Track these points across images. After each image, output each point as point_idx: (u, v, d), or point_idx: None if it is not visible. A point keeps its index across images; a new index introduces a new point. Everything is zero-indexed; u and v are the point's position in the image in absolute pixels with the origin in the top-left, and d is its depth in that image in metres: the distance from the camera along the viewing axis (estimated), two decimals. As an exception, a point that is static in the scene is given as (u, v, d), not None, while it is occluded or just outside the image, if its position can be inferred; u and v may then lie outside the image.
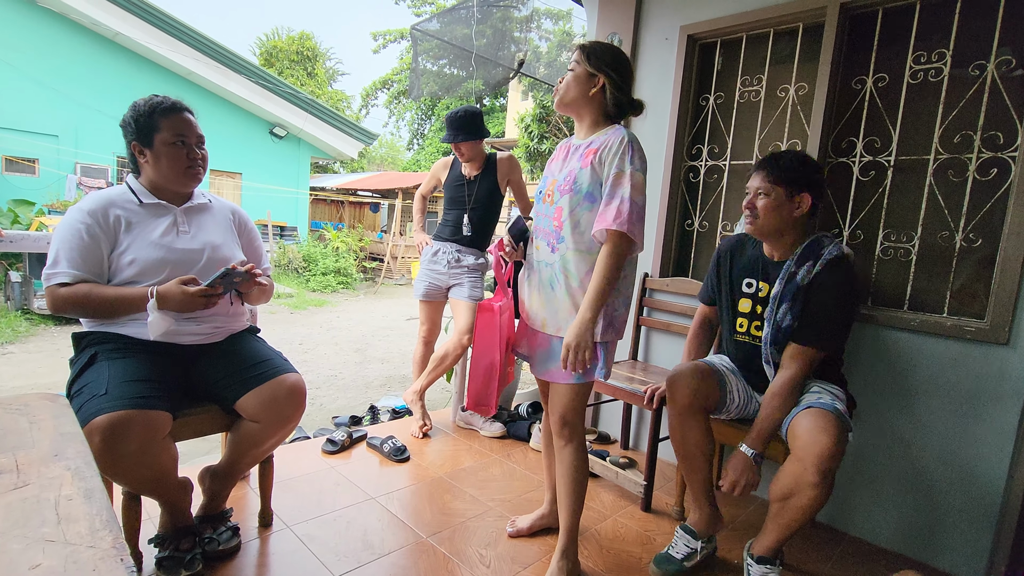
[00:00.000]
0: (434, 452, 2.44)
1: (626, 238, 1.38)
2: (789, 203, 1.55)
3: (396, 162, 26.16)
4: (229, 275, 1.41)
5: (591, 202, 1.43)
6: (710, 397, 1.66)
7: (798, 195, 1.55)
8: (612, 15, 2.63)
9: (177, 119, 1.51)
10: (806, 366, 1.56)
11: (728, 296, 1.78)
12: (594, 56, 1.47)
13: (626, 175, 1.38)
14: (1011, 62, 1.73)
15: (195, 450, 2.91)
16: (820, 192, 1.58)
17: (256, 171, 11.78)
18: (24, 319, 6.02)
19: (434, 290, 2.63)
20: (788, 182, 1.55)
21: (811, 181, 1.55)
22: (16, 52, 8.59)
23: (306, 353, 5.66)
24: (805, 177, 1.55)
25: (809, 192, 1.54)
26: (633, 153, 1.40)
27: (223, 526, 1.58)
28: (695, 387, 1.63)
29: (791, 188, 1.55)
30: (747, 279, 1.71)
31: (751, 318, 1.70)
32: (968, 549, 1.78)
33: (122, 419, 1.21)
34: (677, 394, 1.66)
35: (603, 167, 1.42)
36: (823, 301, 1.53)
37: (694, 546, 1.68)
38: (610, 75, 1.46)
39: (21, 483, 0.69)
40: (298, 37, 20.77)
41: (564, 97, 1.51)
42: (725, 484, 1.56)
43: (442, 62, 5.17)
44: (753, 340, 1.70)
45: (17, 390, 3.94)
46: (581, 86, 1.48)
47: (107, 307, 1.40)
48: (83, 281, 1.40)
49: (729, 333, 1.79)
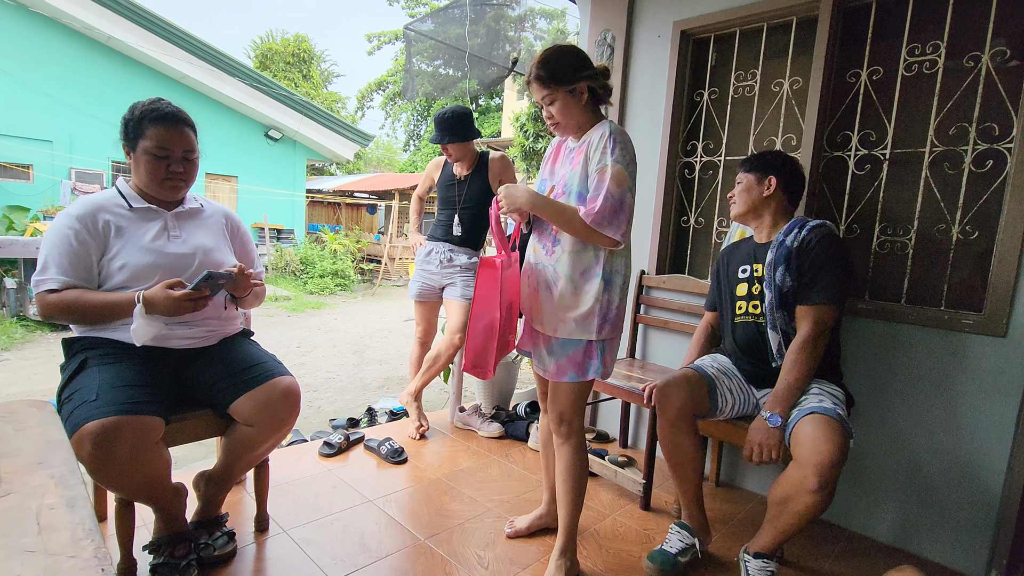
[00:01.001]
0: (432, 453, 2.43)
1: (591, 231, 1.38)
2: (759, 186, 1.74)
3: (393, 163, 26.13)
4: (213, 277, 1.39)
5: (580, 202, 1.43)
6: (700, 405, 1.67)
7: (765, 178, 1.73)
8: (605, 12, 2.62)
9: (164, 129, 1.46)
10: (818, 323, 1.57)
11: (727, 290, 1.83)
12: (561, 75, 1.43)
13: (607, 169, 1.38)
14: (1006, 53, 1.72)
15: (190, 455, 2.89)
16: (789, 177, 1.73)
17: (252, 174, 11.74)
18: (20, 325, 5.98)
19: (428, 290, 2.62)
20: (757, 168, 1.75)
21: (777, 166, 1.74)
22: (9, 58, 8.55)
23: (304, 356, 5.64)
24: (771, 164, 1.74)
25: (776, 175, 1.72)
26: (614, 146, 1.39)
27: (218, 531, 1.57)
28: (684, 397, 1.65)
29: (759, 173, 1.74)
30: (742, 267, 1.79)
31: (748, 299, 1.74)
32: (969, 543, 1.77)
33: (113, 425, 1.20)
34: (667, 404, 1.67)
35: (589, 164, 1.43)
36: (816, 260, 1.59)
37: (689, 541, 1.68)
38: (587, 76, 1.45)
39: (3, 492, 0.68)
40: (293, 39, 20.73)
41: (567, 124, 1.49)
42: (746, 452, 1.55)
43: (437, 63, 5.15)
44: (754, 318, 1.72)
45: (12, 397, 3.92)
46: (572, 106, 1.46)
47: (95, 313, 1.38)
48: (72, 287, 1.38)
49: (730, 320, 1.80)
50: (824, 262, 1.58)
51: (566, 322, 1.47)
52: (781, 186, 1.72)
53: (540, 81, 1.45)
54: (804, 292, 1.60)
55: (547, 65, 1.44)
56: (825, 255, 1.58)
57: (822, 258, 1.58)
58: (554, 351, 1.51)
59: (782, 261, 1.62)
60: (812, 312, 1.58)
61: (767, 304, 1.65)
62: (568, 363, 1.49)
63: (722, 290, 1.86)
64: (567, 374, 1.50)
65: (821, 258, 1.58)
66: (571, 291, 1.46)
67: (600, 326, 1.46)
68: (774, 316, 1.64)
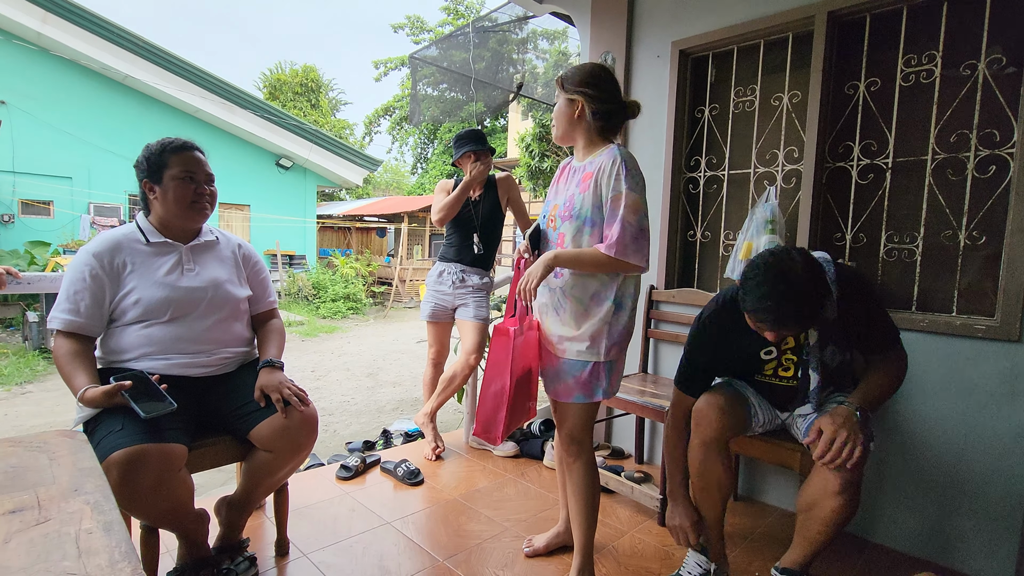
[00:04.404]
0: (448, 474, 2.44)
1: (617, 262, 1.40)
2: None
3: (401, 186, 26.48)
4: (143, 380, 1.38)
5: (591, 226, 1.46)
6: (737, 427, 1.59)
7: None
8: (604, 34, 2.69)
9: (186, 156, 1.56)
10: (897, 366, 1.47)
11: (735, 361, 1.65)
12: (567, 82, 1.52)
13: (622, 196, 1.41)
14: (1002, 60, 1.74)
15: (211, 481, 2.93)
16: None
17: (264, 202, 11.99)
18: (42, 358, 6.11)
19: (440, 311, 2.66)
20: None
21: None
22: (31, 100, 8.89)
23: (318, 380, 5.69)
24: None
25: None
26: (627, 173, 1.42)
27: (240, 556, 1.59)
28: (723, 419, 1.55)
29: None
30: (765, 349, 1.57)
31: (778, 367, 1.59)
32: (994, 552, 1.74)
33: (139, 453, 1.23)
34: (704, 424, 1.57)
35: (600, 190, 1.45)
36: (863, 315, 1.45)
37: (707, 567, 1.64)
38: (585, 93, 1.49)
39: (43, 519, 0.71)
40: (302, 70, 21.26)
41: (557, 131, 1.57)
42: (811, 439, 1.39)
43: (443, 86, 5.27)
44: (786, 381, 1.59)
45: (36, 428, 3.99)
46: (565, 114, 1.53)
47: (63, 374, 1.42)
48: (77, 330, 1.44)
49: (744, 379, 1.69)
50: (868, 313, 1.45)
51: (574, 343, 1.49)
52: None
53: (557, 80, 1.55)
54: (870, 345, 1.49)
55: (567, 71, 1.53)
56: (867, 307, 1.45)
57: (865, 312, 1.45)
58: (561, 372, 1.52)
59: (830, 339, 1.47)
60: (888, 359, 1.47)
61: (813, 387, 1.51)
62: (575, 384, 1.50)
63: (718, 362, 1.66)
64: (574, 395, 1.51)
65: (864, 313, 1.44)
66: (581, 313, 1.48)
67: (608, 348, 1.48)
68: (819, 396, 1.52)
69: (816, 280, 1.30)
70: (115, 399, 1.32)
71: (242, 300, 1.67)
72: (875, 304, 1.47)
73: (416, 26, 19.93)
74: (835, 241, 2.09)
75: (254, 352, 1.75)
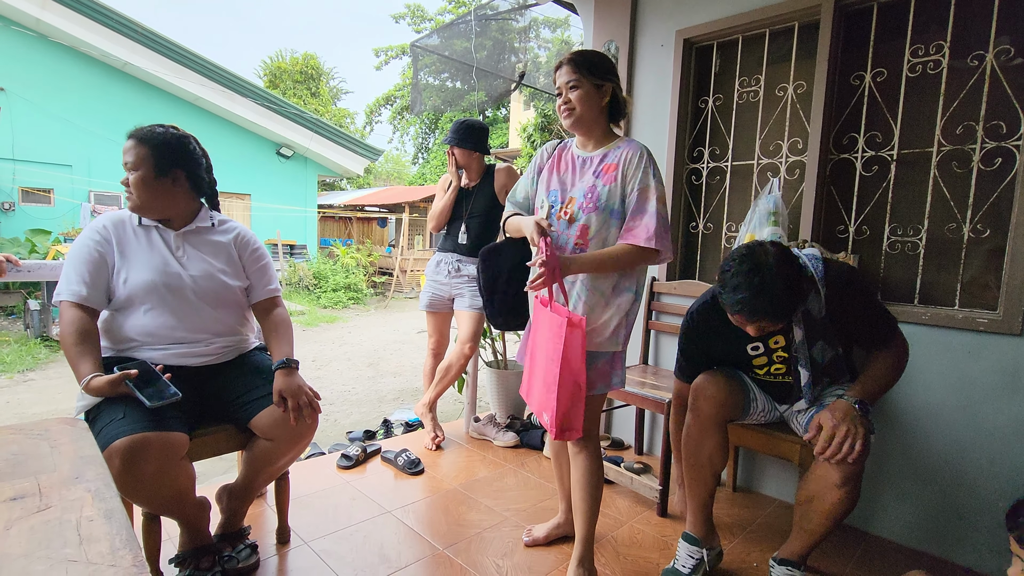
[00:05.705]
0: (448, 463, 2.45)
1: (655, 252, 1.42)
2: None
3: (402, 176, 26.39)
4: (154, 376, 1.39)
5: (617, 219, 1.46)
6: (735, 408, 1.61)
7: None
8: (608, 23, 2.66)
9: (124, 146, 1.51)
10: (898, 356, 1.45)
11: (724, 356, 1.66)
12: (596, 68, 1.47)
13: (651, 189, 1.42)
14: (1010, 51, 1.72)
15: (212, 469, 2.94)
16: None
17: (264, 192, 11.94)
18: (43, 346, 6.13)
19: (437, 300, 2.65)
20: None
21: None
22: (31, 88, 8.83)
23: (319, 369, 5.70)
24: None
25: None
26: (654, 167, 1.45)
27: (242, 544, 1.60)
28: (722, 400, 1.57)
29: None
30: (751, 344, 1.56)
31: (769, 364, 1.59)
32: (994, 545, 1.75)
33: (141, 441, 1.24)
34: (702, 404, 1.58)
35: (626, 182, 1.45)
36: (857, 313, 1.44)
37: (699, 556, 1.64)
38: (614, 80, 1.49)
39: (44, 506, 0.71)
40: (302, 58, 21.11)
41: (583, 116, 1.48)
42: (811, 435, 1.38)
43: (444, 76, 5.23)
44: (780, 377, 1.60)
45: (38, 416, 4.01)
46: (592, 100, 1.47)
47: (68, 357, 1.40)
48: (83, 301, 1.43)
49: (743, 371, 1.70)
50: (864, 310, 1.44)
51: (595, 334, 1.48)
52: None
53: (573, 64, 1.46)
54: (869, 341, 1.48)
55: (584, 55, 1.48)
56: (862, 303, 1.44)
57: (861, 308, 1.44)
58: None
59: (819, 335, 1.47)
60: (887, 354, 1.45)
61: (804, 383, 1.51)
62: (596, 375, 1.51)
63: (709, 357, 1.67)
64: (596, 387, 1.51)
65: (860, 309, 1.44)
66: (603, 305, 1.48)
67: (625, 337, 1.51)
68: (811, 392, 1.52)
69: (789, 272, 1.30)
70: (120, 388, 1.32)
71: (235, 290, 1.63)
72: (869, 300, 1.46)
73: (417, 15, 19.74)
74: (838, 233, 2.08)
75: (253, 340, 1.74)
